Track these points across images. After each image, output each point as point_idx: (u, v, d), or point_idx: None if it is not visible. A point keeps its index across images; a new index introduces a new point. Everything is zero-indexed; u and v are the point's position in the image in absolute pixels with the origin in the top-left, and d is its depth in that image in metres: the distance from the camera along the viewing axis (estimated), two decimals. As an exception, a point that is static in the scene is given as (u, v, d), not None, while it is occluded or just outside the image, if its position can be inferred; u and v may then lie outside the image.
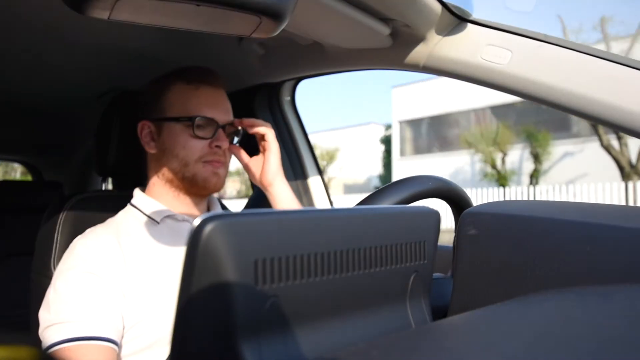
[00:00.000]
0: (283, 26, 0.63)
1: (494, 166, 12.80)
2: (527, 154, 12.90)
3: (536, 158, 12.56)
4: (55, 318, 0.81)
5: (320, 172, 1.63)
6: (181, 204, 1.00)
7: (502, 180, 12.62)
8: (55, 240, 1.00)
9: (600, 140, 11.09)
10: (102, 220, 0.99)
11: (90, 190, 2.26)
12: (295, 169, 1.58)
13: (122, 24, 0.62)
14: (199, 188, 0.98)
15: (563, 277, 0.56)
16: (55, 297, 0.84)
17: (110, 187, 2.05)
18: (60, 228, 1.01)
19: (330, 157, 16.44)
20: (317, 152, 13.71)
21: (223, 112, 1.00)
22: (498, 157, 12.88)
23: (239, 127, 1.03)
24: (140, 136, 1.01)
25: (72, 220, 1.03)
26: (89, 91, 1.62)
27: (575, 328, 0.38)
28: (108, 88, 1.56)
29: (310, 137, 1.62)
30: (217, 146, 0.97)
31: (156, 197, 1.00)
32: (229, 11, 0.60)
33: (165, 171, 0.98)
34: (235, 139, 1.04)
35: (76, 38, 1.19)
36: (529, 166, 12.92)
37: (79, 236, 0.93)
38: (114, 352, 0.82)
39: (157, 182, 1.00)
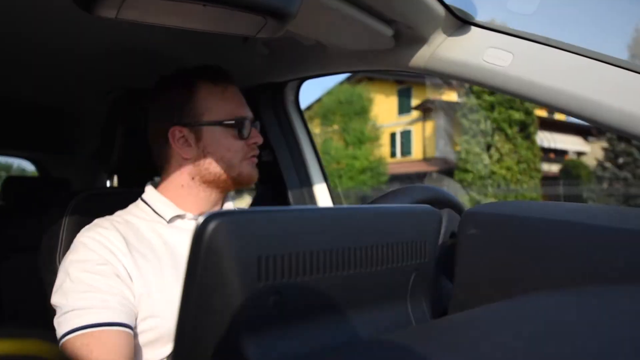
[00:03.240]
0: (287, 26, 0.64)
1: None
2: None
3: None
4: (75, 304, 0.83)
5: (324, 171, 1.63)
6: (200, 203, 0.99)
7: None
8: (60, 236, 1.01)
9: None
10: None
11: (96, 187, 2.26)
12: (298, 168, 1.59)
13: (129, 23, 0.63)
14: (242, 184, 1.02)
15: (562, 277, 0.56)
16: (72, 286, 0.85)
17: (116, 184, 2.06)
18: (65, 225, 1.02)
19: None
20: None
21: (248, 109, 1.03)
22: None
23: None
24: (173, 142, 0.97)
25: (78, 217, 1.03)
26: (95, 89, 1.63)
27: (574, 327, 0.38)
28: (114, 86, 1.56)
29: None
30: (254, 142, 1.01)
31: (173, 197, 0.98)
32: (235, 11, 0.61)
33: (205, 174, 0.97)
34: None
35: (84, 36, 1.20)
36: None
37: (87, 227, 0.93)
38: (131, 337, 0.84)
39: (187, 184, 0.98)
